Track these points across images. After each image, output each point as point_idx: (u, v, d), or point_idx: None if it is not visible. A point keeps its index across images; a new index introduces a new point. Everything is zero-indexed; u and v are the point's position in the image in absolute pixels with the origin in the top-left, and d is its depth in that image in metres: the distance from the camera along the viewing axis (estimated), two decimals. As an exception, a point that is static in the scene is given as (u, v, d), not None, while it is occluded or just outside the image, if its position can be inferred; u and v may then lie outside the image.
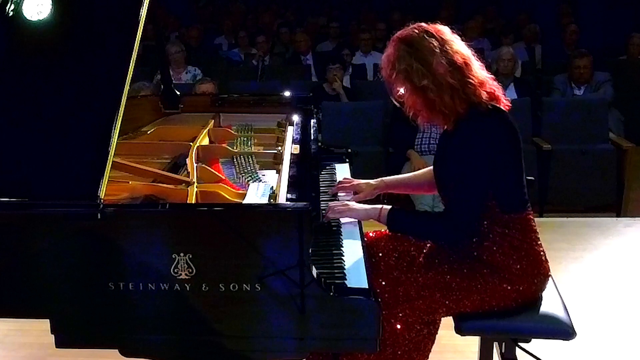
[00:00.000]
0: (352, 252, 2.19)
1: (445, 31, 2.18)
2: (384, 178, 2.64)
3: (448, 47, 2.13)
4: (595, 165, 5.27)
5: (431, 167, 2.54)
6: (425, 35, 2.14)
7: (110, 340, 1.93)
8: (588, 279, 3.87)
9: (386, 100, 5.52)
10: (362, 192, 2.57)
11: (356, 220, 2.41)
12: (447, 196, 2.23)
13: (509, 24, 8.67)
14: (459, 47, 2.16)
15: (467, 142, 2.11)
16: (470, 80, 2.11)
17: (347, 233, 2.32)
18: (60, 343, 1.93)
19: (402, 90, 2.20)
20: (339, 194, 2.59)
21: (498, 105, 2.17)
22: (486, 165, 2.11)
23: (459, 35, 2.20)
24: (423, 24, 2.19)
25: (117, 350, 1.93)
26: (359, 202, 2.46)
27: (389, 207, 2.27)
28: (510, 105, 2.21)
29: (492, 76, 2.22)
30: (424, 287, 2.17)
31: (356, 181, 2.62)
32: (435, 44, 2.12)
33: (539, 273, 2.20)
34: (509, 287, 2.16)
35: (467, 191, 2.13)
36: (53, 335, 1.92)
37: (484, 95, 2.13)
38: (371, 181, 2.62)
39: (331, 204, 2.38)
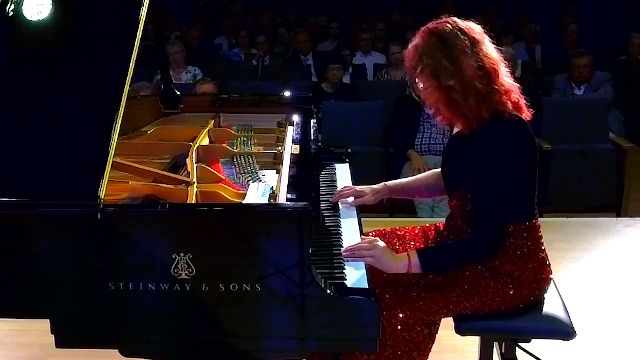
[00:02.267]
0: (352, 252, 2.19)
1: (477, 30, 2.10)
2: (387, 182, 2.55)
3: (479, 49, 2.06)
4: (595, 165, 5.27)
5: (433, 170, 2.52)
6: (458, 33, 2.06)
7: (110, 340, 1.92)
8: (588, 279, 3.86)
9: (386, 100, 5.54)
10: (365, 197, 2.50)
11: (356, 219, 2.41)
12: (473, 210, 2.12)
13: (509, 24, 8.67)
14: (489, 50, 2.09)
15: (491, 154, 2.05)
16: (497, 88, 2.06)
17: (347, 233, 2.32)
18: (60, 343, 1.92)
19: (421, 85, 2.14)
20: (340, 202, 2.51)
21: (520, 116, 2.11)
22: (507, 175, 2.06)
23: (489, 37, 2.13)
24: (457, 20, 2.12)
25: (117, 350, 1.93)
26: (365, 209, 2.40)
27: (414, 252, 2.12)
28: (531, 116, 2.14)
29: (518, 85, 2.15)
30: (425, 288, 2.17)
31: (358, 188, 2.54)
32: (468, 44, 2.05)
33: (542, 278, 2.19)
34: (511, 292, 2.15)
35: (492, 203, 2.07)
36: (53, 335, 1.92)
37: (509, 105, 2.08)
38: (374, 186, 2.54)
39: (359, 244, 2.15)
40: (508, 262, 2.15)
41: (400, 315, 2.12)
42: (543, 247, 2.21)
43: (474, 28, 2.11)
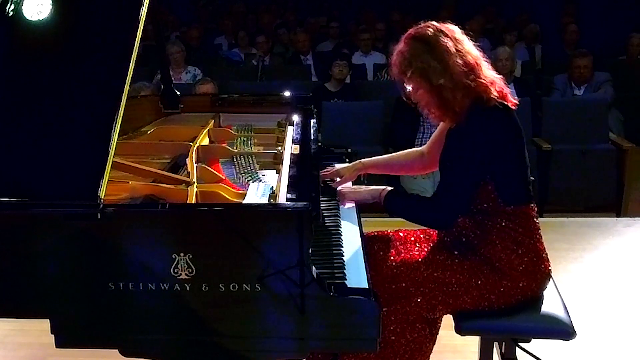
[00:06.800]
0: (352, 252, 2.19)
1: (456, 31, 2.22)
2: (361, 160, 2.70)
3: (461, 47, 2.17)
4: (595, 165, 5.28)
5: (410, 150, 2.72)
6: (440, 35, 2.17)
7: (110, 340, 1.93)
8: (588, 279, 3.87)
9: (386, 100, 5.53)
10: (344, 175, 2.65)
11: (356, 219, 2.41)
12: (441, 179, 2.25)
13: (509, 24, 8.67)
14: (469, 47, 2.20)
15: (469, 131, 2.14)
16: (482, 81, 2.15)
17: (347, 233, 2.32)
18: (60, 343, 1.92)
19: (409, 88, 2.25)
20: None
21: (506, 103, 2.19)
22: (482, 155, 2.12)
23: (467, 35, 2.24)
24: (435, 23, 2.23)
25: (117, 350, 1.93)
26: (345, 185, 2.59)
27: (390, 188, 2.33)
28: (517, 104, 2.24)
29: (501, 76, 2.25)
30: (424, 284, 2.17)
31: (336, 167, 2.73)
32: (450, 44, 2.16)
33: (540, 270, 2.20)
34: (509, 284, 2.16)
35: (458, 177, 2.16)
36: (53, 335, 1.92)
37: (494, 94, 2.16)
38: (349, 164, 2.72)
39: (342, 190, 2.49)
40: (506, 249, 2.17)
41: (400, 312, 2.12)
42: (541, 240, 2.23)
43: (452, 28, 2.22)
